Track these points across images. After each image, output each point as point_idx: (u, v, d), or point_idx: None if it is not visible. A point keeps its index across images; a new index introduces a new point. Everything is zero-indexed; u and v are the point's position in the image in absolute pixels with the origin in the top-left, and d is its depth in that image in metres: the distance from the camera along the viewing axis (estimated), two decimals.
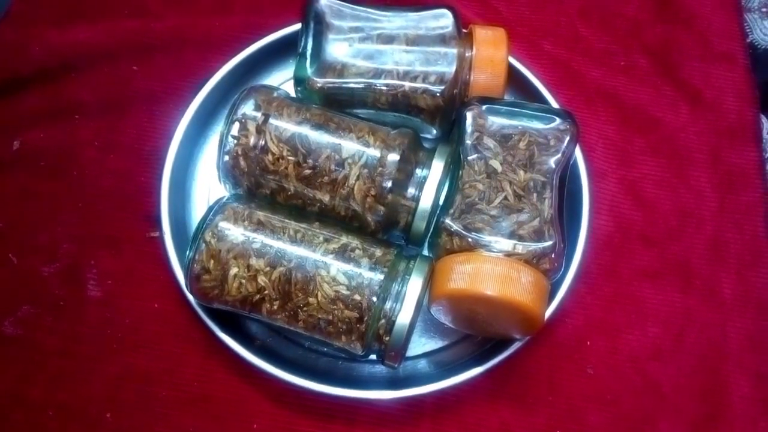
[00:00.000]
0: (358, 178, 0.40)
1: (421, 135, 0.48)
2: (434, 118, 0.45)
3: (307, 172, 0.41)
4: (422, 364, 0.45)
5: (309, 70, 0.43)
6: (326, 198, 0.41)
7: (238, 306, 0.40)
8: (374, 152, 0.41)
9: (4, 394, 0.44)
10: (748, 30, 0.56)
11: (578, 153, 0.47)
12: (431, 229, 0.42)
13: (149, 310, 0.46)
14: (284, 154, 0.41)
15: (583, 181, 0.47)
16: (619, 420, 0.45)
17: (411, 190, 0.42)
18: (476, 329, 0.44)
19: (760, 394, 0.45)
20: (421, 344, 0.46)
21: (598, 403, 0.45)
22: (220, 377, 0.44)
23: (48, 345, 0.45)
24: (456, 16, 0.44)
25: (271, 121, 0.41)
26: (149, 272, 0.46)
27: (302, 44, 0.43)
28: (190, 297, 0.43)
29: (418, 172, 0.42)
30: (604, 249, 0.48)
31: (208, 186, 0.49)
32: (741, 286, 0.48)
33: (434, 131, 0.47)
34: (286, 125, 0.41)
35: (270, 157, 0.41)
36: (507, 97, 0.46)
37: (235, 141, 0.41)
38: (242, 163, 0.41)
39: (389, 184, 0.40)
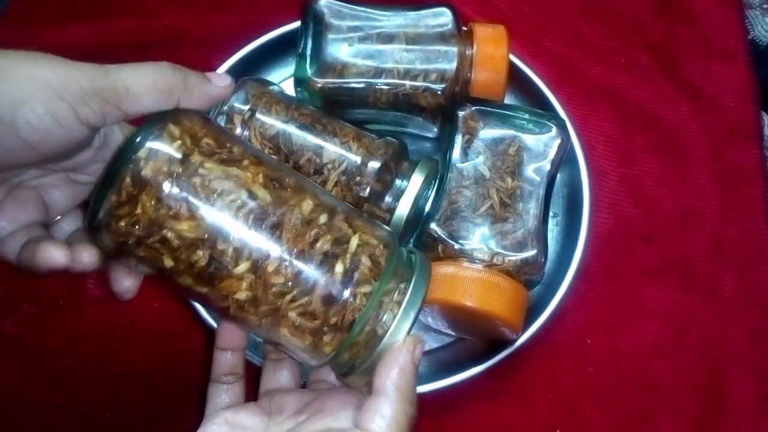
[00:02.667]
0: (335, 185, 0.40)
1: (422, 134, 0.48)
2: (435, 116, 0.44)
3: None
4: (423, 363, 0.45)
5: (309, 71, 0.43)
6: None
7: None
8: (355, 159, 0.40)
9: (4, 393, 0.44)
10: (749, 27, 0.56)
11: (578, 151, 0.47)
12: (417, 233, 0.42)
13: (149, 309, 0.46)
14: (266, 151, 0.41)
15: (584, 178, 0.47)
16: (620, 418, 0.45)
17: (388, 201, 0.41)
18: (458, 332, 0.45)
19: (761, 391, 0.45)
20: None
21: (598, 401, 0.45)
22: None
23: (48, 344, 0.45)
24: (455, 13, 0.44)
25: (258, 116, 0.41)
26: None
27: (302, 45, 0.43)
28: None
29: (398, 182, 0.42)
30: (605, 247, 0.48)
31: None
32: (742, 284, 0.48)
33: (435, 130, 0.46)
34: (272, 122, 0.41)
35: None
36: (507, 96, 0.47)
37: None
38: None
39: (366, 193, 0.40)
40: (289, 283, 0.29)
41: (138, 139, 0.28)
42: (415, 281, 0.30)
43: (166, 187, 0.27)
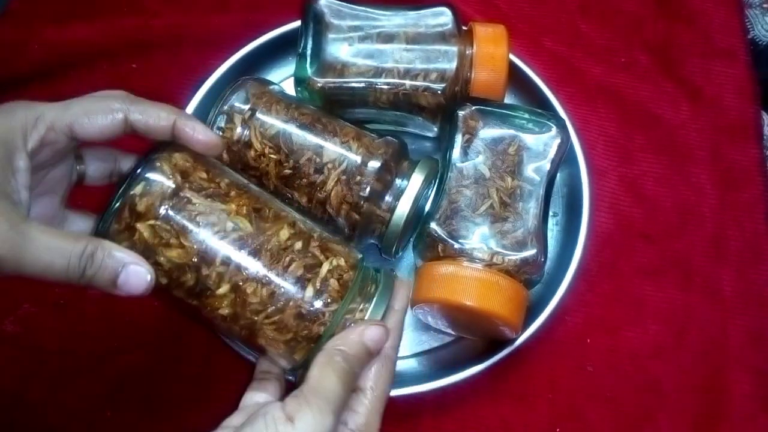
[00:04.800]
0: (336, 184, 0.40)
1: (422, 134, 0.48)
2: (435, 116, 0.44)
3: (287, 172, 0.41)
4: (423, 362, 0.45)
5: (309, 71, 0.43)
6: (304, 199, 0.41)
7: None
8: (355, 158, 0.40)
9: (4, 392, 0.44)
10: (749, 26, 0.56)
11: (578, 150, 0.47)
12: (417, 233, 0.42)
13: (150, 308, 0.46)
14: (266, 151, 0.41)
15: (584, 178, 0.47)
16: (620, 417, 0.45)
17: (388, 200, 0.41)
18: (458, 331, 0.45)
19: (761, 390, 0.45)
20: (421, 342, 0.46)
21: (598, 400, 0.45)
22: (221, 375, 0.44)
23: (48, 343, 0.45)
24: (455, 13, 0.44)
25: (258, 115, 0.41)
26: None
27: (302, 44, 0.43)
28: None
29: (398, 182, 0.42)
30: (605, 246, 0.48)
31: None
32: (741, 284, 0.48)
33: (435, 129, 0.46)
34: (273, 121, 0.41)
35: (252, 152, 0.41)
36: (508, 95, 0.47)
37: (220, 133, 0.41)
38: (224, 156, 0.41)
39: (366, 193, 0.40)
40: (265, 303, 0.32)
41: (134, 175, 0.32)
42: (376, 300, 0.34)
43: (158, 219, 0.32)
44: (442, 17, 0.44)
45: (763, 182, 0.50)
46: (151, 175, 0.32)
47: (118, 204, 0.32)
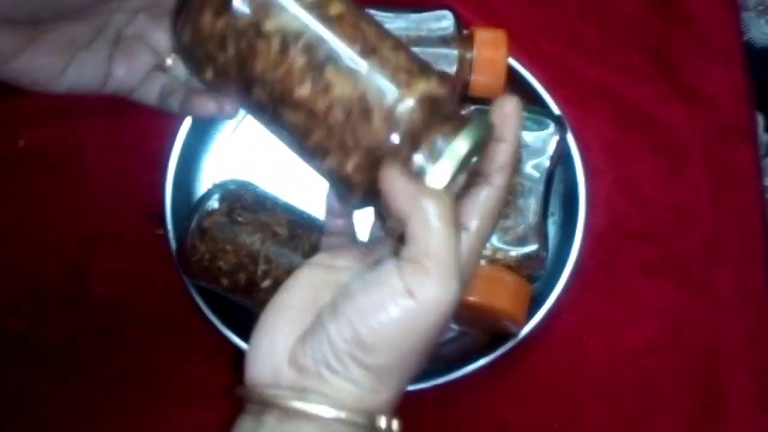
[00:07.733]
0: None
1: None
2: None
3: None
4: None
5: None
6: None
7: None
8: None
9: (7, 390, 0.45)
10: (744, 28, 0.56)
11: (575, 150, 0.47)
12: None
13: (153, 306, 0.46)
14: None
15: (580, 178, 0.47)
16: (617, 415, 0.45)
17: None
18: (461, 325, 0.45)
19: (758, 389, 0.46)
20: None
21: (595, 398, 0.46)
22: (224, 373, 0.45)
23: (51, 341, 0.46)
24: (457, 17, 0.44)
25: None
26: (153, 269, 0.47)
27: None
28: (194, 293, 0.43)
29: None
30: (601, 246, 0.48)
31: (211, 182, 0.49)
32: (738, 283, 0.48)
33: None
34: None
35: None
36: None
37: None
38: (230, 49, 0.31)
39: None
40: None
41: (201, 204, 0.42)
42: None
43: (215, 231, 0.41)
44: (444, 21, 0.44)
45: (758, 183, 0.51)
46: (211, 202, 0.42)
47: (193, 219, 0.41)
